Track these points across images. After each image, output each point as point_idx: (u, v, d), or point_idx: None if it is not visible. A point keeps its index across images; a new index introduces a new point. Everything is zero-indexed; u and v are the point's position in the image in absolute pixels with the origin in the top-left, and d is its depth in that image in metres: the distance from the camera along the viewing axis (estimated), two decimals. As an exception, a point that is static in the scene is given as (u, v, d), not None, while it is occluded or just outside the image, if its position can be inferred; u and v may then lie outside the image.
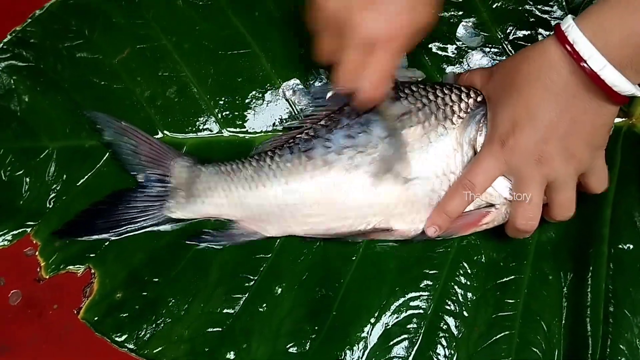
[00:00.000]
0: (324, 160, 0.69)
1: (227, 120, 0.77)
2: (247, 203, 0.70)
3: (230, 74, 0.77)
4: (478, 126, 0.67)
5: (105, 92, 0.76)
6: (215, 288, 0.71)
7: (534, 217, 0.65)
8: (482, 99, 0.68)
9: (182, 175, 0.71)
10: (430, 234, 0.68)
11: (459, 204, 0.67)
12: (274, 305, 0.70)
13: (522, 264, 0.72)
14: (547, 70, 0.61)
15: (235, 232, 0.71)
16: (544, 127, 0.62)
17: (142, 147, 0.72)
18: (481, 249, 0.72)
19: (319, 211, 0.69)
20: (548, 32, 0.76)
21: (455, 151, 0.68)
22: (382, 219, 0.69)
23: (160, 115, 0.76)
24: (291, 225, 0.70)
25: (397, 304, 0.70)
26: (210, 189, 0.71)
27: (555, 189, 0.64)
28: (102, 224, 0.71)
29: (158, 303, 0.70)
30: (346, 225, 0.70)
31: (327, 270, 0.72)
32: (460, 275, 0.71)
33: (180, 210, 0.71)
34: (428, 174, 0.68)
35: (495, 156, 0.65)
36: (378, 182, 0.68)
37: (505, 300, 0.70)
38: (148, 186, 0.72)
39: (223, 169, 0.71)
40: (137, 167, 0.72)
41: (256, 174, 0.70)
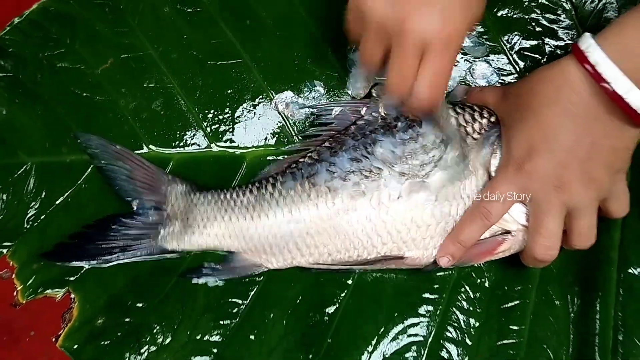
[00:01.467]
0: (329, 186, 0.66)
1: (216, 135, 0.73)
2: (249, 234, 0.67)
3: (220, 86, 0.74)
4: (492, 148, 0.65)
5: (87, 104, 0.73)
6: (203, 314, 0.68)
7: (554, 247, 0.62)
8: (495, 119, 0.66)
9: (178, 203, 0.68)
10: (444, 264, 0.65)
11: (474, 232, 0.64)
12: (265, 332, 0.67)
13: (527, 288, 0.69)
14: (566, 91, 0.59)
15: (236, 265, 0.68)
16: (563, 151, 0.59)
17: (137, 172, 0.69)
18: (484, 271, 0.69)
19: (324, 241, 0.66)
20: (556, 43, 0.73)
21: (470, 174, 0.65)
22: (393, 246, 0.66)
23: (145, 128, 0.73)
24: (295, 256, 0.67)
25: (395, 331, 0.67)
26: (209, 219, 0.67)
27: (575, 216, 0.61)
28: (92, 249, 0.68)
29: (141, 330, 0.67)
30: (354, 256, 0.66)
31: (321, 295, 0.69)
32: (462, 300, 0.68)
33: (176, 241, 0.68)
34: (442, 197, 0.65)
35: (511, 182, 0.62)
36: (387, 207, 0.65)
37: (510, 327, 0.67)
38: (143, 213, 0.69)
39: (222, 197, 0.68)
40: (132, 193, 0.69)
41: (258, 203, 0.67)
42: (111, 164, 0.69)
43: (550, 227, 0.61)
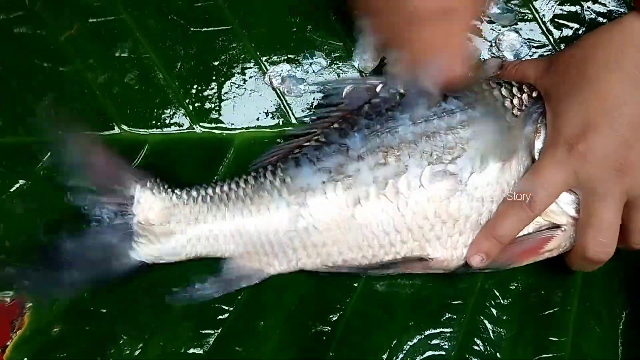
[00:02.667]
0: (339, 171, 0.57)
1: (200, 114, 0.65)
2: (246, 233, 0.58)
3: (205, 57, 0.66)
4: (535, 127, 0.57)
5: (48, 76, 0.64)
6: (180, 322, 0.61)
7: (610, 243, 0.55)
8: (537, 95, 0.59)
9: (154, 206, 0.59)
10: (476, 263, 0.57)
11: (513, 225, 0.56)
12: (255, 344, 0.60)
13: (568, 293, 0.62)
14: (632, 54, 0.53)
15: (232, 274, 0.59)
16: (627, 126, 0.53)
17: (99, 168, 0.58)
18: (517, 274, 0.62)
19: (334, 237, 0.58)
20: (597, 9, 0.65)
21: (512, 155, 0.57)
22: (414, 245, 0.57)
23: (116, 105, 0.65)
24: (301, 257, 0.58)
25: (411, 343, 0.61)
26: (196, 220, 0.58)
27: (637, 207, 0.55)
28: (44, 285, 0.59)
29: (106, 340, 0.60)
30: (368, 256, 0.58)
31: (322, 301, 0.62)
32: (491, 306, 0.61)
33: (154, 252, 0.58)
34: (476, 184, 0.56)
35: (560, 165, 0.55)
36: (407, 198, 0.56)
37: (549, 339, 0.61)
38: (107, 225, 0.58)
39: (211, 191, 0.59)
40: (95, 199, 0.58)
41: (256, 195, 0.58)
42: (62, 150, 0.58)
43: (606, 219, 0.54)
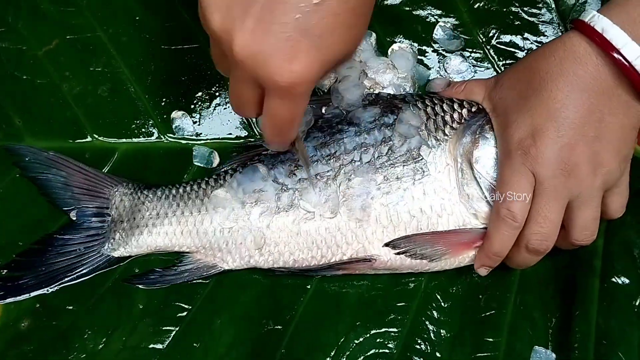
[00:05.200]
0: (290, 178, 0.61)
1: (168, 125, 0.68)
2: (202, 229, 0.61)
3: (174, 72, 0.68)
4: (473, 138, 0.61)
5: (27, 87, 0.67)
6: (142, 318, 0.61)
7: (550, 236, 0.58)
8: (477, 110, 0.62)
9: (123, 205, 0.63)
10: (483, 274, 0.61)
11: (505, 240, 0.58)
12: (212, 340, 0.61)
13: (504, 297, 0.63)
14: (571, 64, 0.55)
15: (188, 267, 0.62)
16: (570, 129, 0.55)
17: (74, 177, 0.64)
18: (457, 278, 0.63)
19: (285, 238, 0.61)
20: (535, 38, 0.69)
21: (448, 166, 0.60)
22: (358, 246, 0.60)
23: (89, 115, 0.68)
24: (253, 254, 0.61)
25: (357, 341, 0.61)
26: (158, 216, 0.62)
27: (579, 206, 0.57)
28: (30, 279, 0.61)
29: (71, 335, 0.60)
30: (317, 257, 0.61)
31: (276, 301, 0.63)
32: (432, 308, 0.62)
33: (123, 246, 0.62)
34: (414, 192, 0.60)
35: (520, 171, 0.57)
36: (351, 201, 0.60)
37: (485, 339, 0.61)
38: (83, 223, 0.63)
39: (174, 191, 0.63)
40: (69, 201, 0.63)
41: (214, 195, 0.62)
42: (44, 173, 0.64)
43: (549, 214, 0.57)
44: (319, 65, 0.46)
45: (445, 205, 0.60)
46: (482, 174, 0.60)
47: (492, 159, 0.60)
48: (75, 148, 0.66)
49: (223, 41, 0.46)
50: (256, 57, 0.45)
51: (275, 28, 0.44)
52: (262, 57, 0.45)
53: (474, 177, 0.60)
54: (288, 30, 0.44)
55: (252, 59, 0.45)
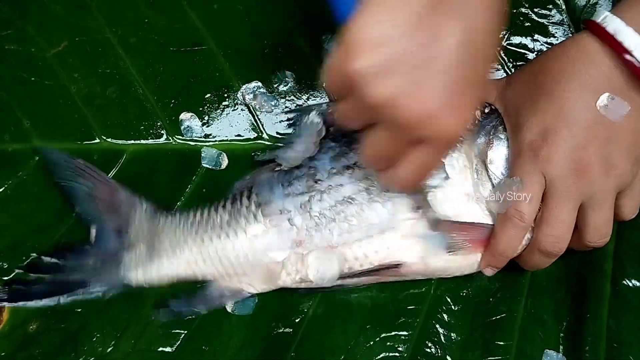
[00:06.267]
0: (310, 191, 0.60)
1: (176, 127, 0.67)
2: (225, 255, 0.59)
3: (182, 73, 0.67)
4: (487, 138, 0.60)
5: (35, 89, 0.66)
6: (151, 322, 0.61)
7: (563, 239, 0.57)
8: (490, 111, 0.61)
9: (142, 227, 0.61)
10: (489, 274, 0.60)
11: (512, 240, 0.58)
12: (221, 344, 0.60)
13: (515, 300, 0.63)
14: (584, 64, 0.55)
15: (212, 294, 0.60)
16: (582, 130, 0.55)
17: (99, 190, 0.62)
18: (468, 281, 0.63)
19: (311, 254, 0.59)
20: (545, 39, 0.68)
21: (465, 168, 0.59)
22: (386, 253, 0.59)
23: (97, 117, 0.67)
24: (280, 275, 0.59)
25: (367, 345, 0.60)
26: (178, 243, 0.60)
27: (592, 207, 0.56)
28: (43, 286, 0.60)
29: (80, 337, 0.60)
30: (345, 268, 0.59)
31: (284, 303, 0.62)
32: (443, 312, 0.62)
33: (142, 271, 0.60)
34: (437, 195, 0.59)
35: (531, 172, 0.56)
36: (377, 208, 0.59)
37: (496, 342, 0.61)
38: (102, 240, 0.61)
39: (192, 216, 0.61)
40: (93, 215, 0.62)
41: (233, 219, 0.60)
42: (72, 181, 0.62)
43: (562, 216, 0.56)
44: (475, 110, 0.48)
45: (462, 206, 0.59)
46: (496, 175, 0.59)
47: (505, 159, 0.59)
48: (83, 150, 0.66)
49: (384, 108, 0.44)
50: (426, 118, 0.44)
51: (441, 85, 0.43)
52: (432, 117, 0.44)
53: (489, 177, 0.59)
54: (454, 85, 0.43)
55: (421, 121, 0.44)
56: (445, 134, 0.45)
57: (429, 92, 0.43)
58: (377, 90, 0.43)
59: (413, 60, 0.42)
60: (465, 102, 0.45)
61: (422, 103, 0.43)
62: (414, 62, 0.42)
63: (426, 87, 0.43)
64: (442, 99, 0.43)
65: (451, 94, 0.44)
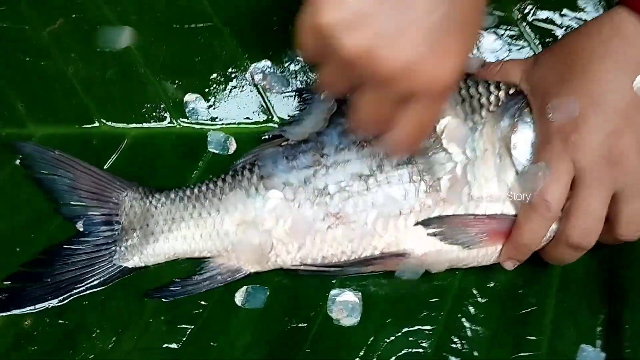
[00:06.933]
0: (315, 165, 0.57)
1: (181, 109, 0.64)
2: (223, 230, 0.57)
3: (187, 53, 0.64)
4: (512, 121, 0.56)
5: (29, 70, 0.64)
6: (154, 316, 0.58)
7: (594, 230, 0.53)
8: (515, 92, 0.58)
9: (134, 211, 0.59)
10: (509, 268, 0.57)
11: (536, 232, 0.54)
12: (229, 339, 0.57)
13: (544, 292, 0.59)
14: (619, 43, 0.51)
15: (211, 273, 0.58)
16: (617, 114, 0.51)
17: (81, 180, 0.59)
18: (495, 272, 0.59)
19: (313, 233, 0.57)
20: (574, 14, 0.64)
21: (487, 151, 0.56)
22: (391, 240, 0.56)
23: (96, 100, 0.64)
24: (280, 253, 0.57)
25: (388, 340, 0.57)
26: (174, 220, 0.58)
27: (626, 199, 0.53)
28: (37, 290, 0.57)
29: (79, 334, 0.57)
30: (347, 252, 0.57)
31: (298, 297, 0.59)
32: (468, 304, 0.59)
33: (137, 255, 0.58)
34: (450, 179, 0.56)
35: (560, 158, 0.53)
36: (385, 188, 0.56)
37: (526, 337, 0.58)
38: (91, 233, 0.59)
39: (189, 192, 0.59)
40: (76, 208, 0.59)
41: (233, 192, 0.58)
42: (51, 174, 0.59)
43: (593, 206, 0.52)
44: (464, 56, 0.44)
45: (483, 192, 0.56)
46: (521, 161, 0.55)
47: (531, 144, 0.56)
48: (82, 134, 0.62)
49: (360, 63, 0.42)
50: (407, 69, 0.42)
51: (418, 33, 0.41)
52: (414, 67, 0.42)
53: (513, 163, 0.56)
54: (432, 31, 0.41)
55: (403, 72, 0.42)
56: (433, 85, 0.43)
57: (407, 39, 0.41)
58: (350, 43, 0.41)
59: (386, 7, 0.40)
60: (451, 47, 0.42)
61: (400, 52, 0.41)
62: (387, 9, 0.40)
63: (403, 35, 0.41)
64: (423, 45, 0.41)
65: (432, 39, 0.41)
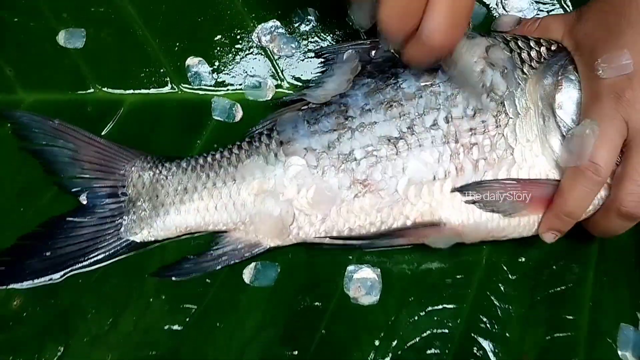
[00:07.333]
0: (340, 128, 0.53)
1: (183, 73, 0.60)
2: (240, 200, 0.53)
3: (188, 12, 0.61)
4: (555, 79, 0.52)
5: (18, 31, 0.60)
6: (155, 295, 0.54)
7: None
8: (556, 49, 0.54)
9: (142, 181, 0.55)
10: (549, 240, 0.53)
11: (582, 198, 0.51)
12: (237, 320, 0.53)
13: (583, 266, 0.55)
14: None
15: (227, 248, 0.54)
16: None
17: (83, 151, 0.55)
18: (525, 246, 0.55)
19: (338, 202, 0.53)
20: None
21: (529, 110, 0.52)
22: (425, 208, 0.52)
23: (91, 63, 0.60)
24: (303, 225, 0.53)
25: (411, 320, 0.54)
26: (186, 191, 0.54)
27: None
28: (36, 264, 0.54)
29: (72, 315, 0.53)
30: (375, 223, 0.52)
31: (313, 274, 0.55)
32: (498, 281, 0.55)
33: (146, 229, 0.54)
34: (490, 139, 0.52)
35: (611, 118, 0.49)
36: (416, 152, 0.52)
37: (564, 316, 0.54)
38: (95, 205, 0.55)
39: (202, 161, 0.55)
40: (78, 181, 0.56)
41: (250, 159, 0.54)
42: (50, 145, 0.55)
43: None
44: None
45: (526, 155, 0.51)
46: (566, 122, 0.51)
47: (577, 104, 0.52)
48: (75, 100, 0.59)
49: None
50: None
51: None
52: None
53: (557, 124, 0.51)
54: None
55: None
56: None
57: None
58: None
59: None
60: None
61: None
62: None
63: None
64: None
65: None
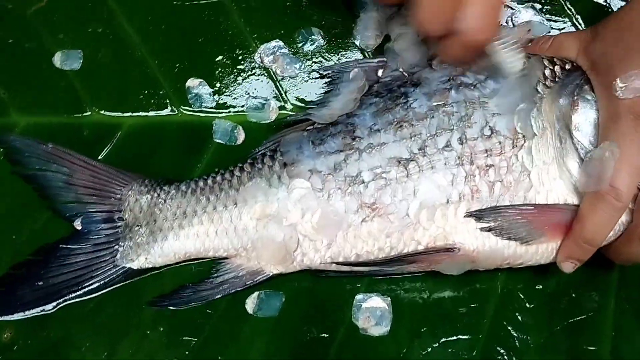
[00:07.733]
0: (346, 149, 0.51)
1: (183, 95, 0.59)
2: (241, 225, 0.52)
3: (189, 32, 0.60)
4: (571, 99, 0.51)
5: (13, 52, 0.60)
6: (153, 327, 0.53)
7: None
8: (570, 68, 0.53)
9: (139, 206, 0.53)
10: (568, 270, 0.51)
11: (603, 225, 0.49)
12: (240, 352, 0.52)
13: (603, 293, 0.54)
14: None
15: (227, 276, 0.53)
16: None
17: (78, 175, 0.54)
18: (543, 273, 0.54)
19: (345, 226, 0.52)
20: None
21: (544, 130, 0.50)
22: (438, 232, 0.50)
23: (88, 86, 0.59)
24: (307, 251, 0.52)
25: (424, 352, 0.52)
26: (185, 215, 0.53)
27: None
28: (28, 294, 0.53)
29: (65, 347, 0.52)
30: (384, 248, 0.51)
31: (319, 303, 0.54)
32: (515, 310, 0.54)
33: (143, 255, 0.53)
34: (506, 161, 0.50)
35: (631, 139, 0.48)
36: (428, 174, 0.50)
37: (585, 347, 0.52)
38: (91, 230, 0.54)
39: (202, 184, 0.53)
40: (73, 205, 0.54)
41: (252, 182, 0.52)
42: (43, 170, 0.54)
43: None
44: None
45: (543, 179, 0.50)
46: (584, 144, 0.50)
47: (594, 125, 0.50)
48: (71, 124, 0.58)
49: None
50: None
51: None
52: None
53: (575, 146, 0.50)
54: None
55: None
56: None
57: None
58: None
59: None
60: None
61: None
62: None
63: None
64: None
65: None
